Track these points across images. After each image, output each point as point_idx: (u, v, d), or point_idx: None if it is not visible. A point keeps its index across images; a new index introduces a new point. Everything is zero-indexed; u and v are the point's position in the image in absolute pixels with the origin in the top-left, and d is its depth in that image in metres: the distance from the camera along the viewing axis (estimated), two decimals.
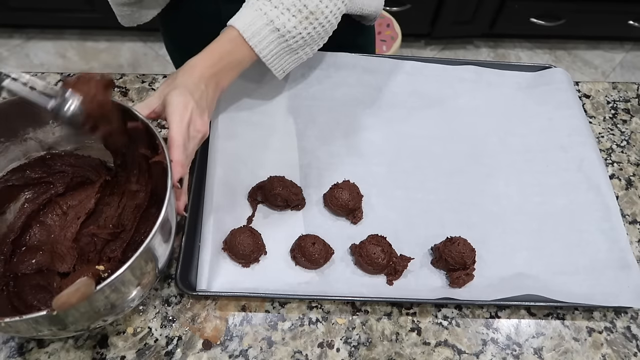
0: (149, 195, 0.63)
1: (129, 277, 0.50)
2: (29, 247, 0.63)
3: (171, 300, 0.64)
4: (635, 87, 0.93)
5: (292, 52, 0.67)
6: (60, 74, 0.84)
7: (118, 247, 0.62)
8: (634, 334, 0.67)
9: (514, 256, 0.70)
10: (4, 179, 0.62)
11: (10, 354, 0.60)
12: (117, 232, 0.63)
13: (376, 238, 0.67)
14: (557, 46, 2.23)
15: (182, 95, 0.59)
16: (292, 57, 0.68)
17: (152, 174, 0.61)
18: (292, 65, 0.69)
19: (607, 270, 0.69)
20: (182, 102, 0.58)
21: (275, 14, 0.62)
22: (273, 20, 0.62)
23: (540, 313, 0.67)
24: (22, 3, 1.91)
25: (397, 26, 1.70)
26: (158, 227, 0.49)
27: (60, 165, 0.65)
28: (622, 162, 0.83)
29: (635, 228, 0.76)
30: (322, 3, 0.64)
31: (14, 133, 0.60)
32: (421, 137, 0.80)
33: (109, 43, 2.09)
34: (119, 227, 0.63)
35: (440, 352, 0.63)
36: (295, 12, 0.63)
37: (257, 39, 0.63)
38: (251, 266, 0.66)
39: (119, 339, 0.61)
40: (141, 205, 0.63)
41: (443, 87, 0.86)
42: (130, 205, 0.63)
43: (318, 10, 0.64)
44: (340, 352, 0.62)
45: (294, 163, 0.75)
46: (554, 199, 0.75)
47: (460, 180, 0.76)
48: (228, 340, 0.62)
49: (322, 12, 0.64)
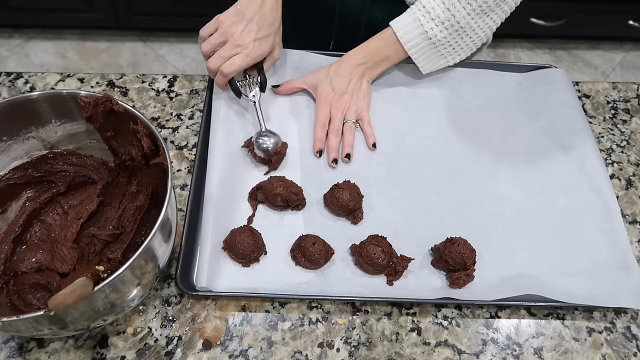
0: (150, 197, 0.63)
1: (129, 276, 0.50)
2: (29, 246, 0.63)
3: (171, 300, 0.64)
4: (635, 87, 0.93)
5: (442, 57, 0.80)
6: (60, 74, 0.84)
7: (118, 249, 0.62)
8: (634, 334, 0.67)
9: (514, 257, 0.70)
10: (6, 177, 0.62)
11: (10, 354, 0.60)
12: (117, 233, 0.63)
13: (376, 238, 0.67)
14: (557, 46, 2.23)
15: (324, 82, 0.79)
16: (440, 61, 0.81)
17: (153, 176, 0.61)
18: (437, 65, 0.82)
19: (607, 271, 0.69)
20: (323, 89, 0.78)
21: (430, 25, 0.75)
22: (427, 31, 0.76)
23: (540, 313, 0.67)
24: (22, 3, 1.91)
25: None
26: (158, 226, 0.49)
27: (62, 165, 0.65)
28: (622, 162, 0.83)
29: (635, 228, 0.76)
30: (473, 19, 0.75)
31: (17, 132, 0.60)
32: (422, 137, 0.80)
33: (109, 43, 2.09)
34: (119, 229, 0.63)
35: (440, 352, 0.63)
36: (448, 25, 0.75)
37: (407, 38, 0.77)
38: (251, 266, 0.66)
39: (119, 339, 0.61)
40: (142, 207, 0.63)
41: (443, 88, 0.86)
42: (131, 207, 0.63)
43: (467, 25, 0.76)
44: (340, 352, 0.62)
45: (294, 163, 0.76)
46: (554, 199, 0.75)
47: (461, 180, 0.76)
48: (228, 340, 0.62)
49: (469, 25, 0.76)
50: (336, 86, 0.78)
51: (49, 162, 0.64)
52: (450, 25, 0.75)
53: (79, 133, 0.63)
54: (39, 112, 0.59)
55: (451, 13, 0.74)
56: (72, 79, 0.84)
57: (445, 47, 0.78)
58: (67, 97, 0.58)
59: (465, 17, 0.74)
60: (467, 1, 0.73)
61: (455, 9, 0.74)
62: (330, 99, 0.78)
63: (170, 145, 0.78)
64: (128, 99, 0.82)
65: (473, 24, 0.76)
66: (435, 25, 0.75)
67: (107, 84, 0.84)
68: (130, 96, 0.83)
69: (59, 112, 0.60)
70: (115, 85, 0.84)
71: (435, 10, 0.74)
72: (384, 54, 0.79)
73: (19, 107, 0.57)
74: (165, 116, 0.80)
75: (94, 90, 0.82)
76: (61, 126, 0.62)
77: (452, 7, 0.74)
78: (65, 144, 0.64)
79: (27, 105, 0.58)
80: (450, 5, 0.74)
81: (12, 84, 0.83)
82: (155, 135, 0.55)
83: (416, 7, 0.76)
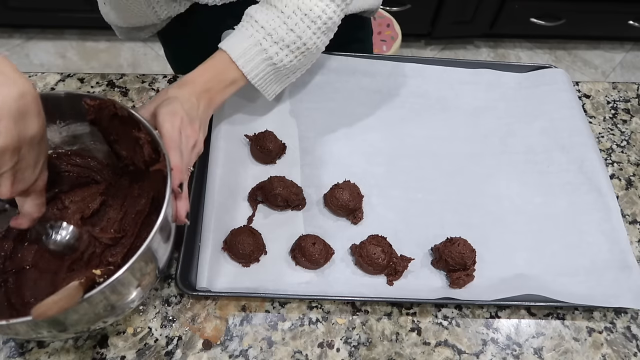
0: (151, 202, 0.63)
1: (129, 278, 0.50)
2: (30, 243, 0.63)
3: (171, 300, 0.64)
4: (635, 87, 0.93)
5: (283, 78, 0.70)
6: (60, 74, 0.84)
7: (119, 252, 0.62)
8: (634, 334, 0.67)
9: (514, 257, 0.70)
10: None
11: (10, 354, 0.60)
12: (119, 237, 0.63)
13: (376, 238, 0.67)
14: (557, 46, 2.23)
15: (171, 104, 0.59)
16: (284, 82, 0.71)
17: (154, 181, 0.61)
18: (282, 87, 0.72)
19: (607, 271, 0.69)
20: (171, 111, 0.59)
21: (275, 50, 0.65)
22: (272, 56, 0.65)
23: (540, 313, 0.67)
24: (22, 3, 1.91)
25: (397, 26, 1.70)
26: (158, 227, 0.49)
27: (66, 165, 0.65)
28: (622, 162, 0.83)
29: (635, 228, 0.76)
30: (319, 39, 0.66)
31: None
32: (422, 137, 0.80)
33: (109, 43, 2.09)
34: (120, 232, 0.63)
35: (440, 352, 0.63)
36: (294, 48, 0.66)
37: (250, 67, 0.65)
38: (251, 266, 0.66)
39: (119, 339, 0.61)
40: (142, 211, 0.62)
41: (443, 88, 0.86)
42: (132, 212, 0.63)
43: (314, 45, 0.67)
44: (340, 352, 0.62)
45: (294, 163, 0.76)
46: (554, 199, 0.75)
47: (461, 180, 0.76)
48: (228, 340, 0.62)
49: (315, 45, 0.67)
50: (186, 106, 0.60)
51: (52, 162, 0.64)
52: (296, 48, 0.65)
53: (83, 134, 0.63)
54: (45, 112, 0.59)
55: (296, 35, 0.64)
56: (72, 79, 0.84)
57: (288, 67, 0.68)
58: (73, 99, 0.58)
59: (311, 37, 0.66)
60: (311, 20, 0.64)
61: (299, 29, 0.64)
62: (181, 121, 0.58)
63: None
64: (128, 99, 0.82)
65: (319, 43, 0.67)
66: (280, 49, 0.65)
67: (107, 84, 0.84)
68: (130, 96, 0.83)
69: (63, 113, 0.60)
70: (115, 85, 0.84)
71: (278, 33, 0.64)
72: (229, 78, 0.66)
73: None
74: None
75: (94, 91, 0.82)
76: (66, 127, 0.62)
77: (297, 27, 0.64)
78: (69, 145, 0.64)
79: None
80: (293, 26, 0.64)
81: None
82: (157, 142, 0.55)
83: (253, 29, 0.65)
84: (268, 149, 0.73)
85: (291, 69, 0.68)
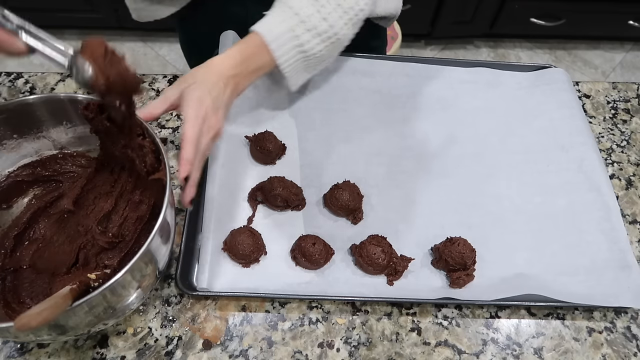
0: (151, 208, 0.63)
1: (129, 280, 0.50)
2: (31, 242, 0.63)
3: (171, 300, 0.64)
4: (635, 87, 0.93)
5: (310, 67, 0.70)
6: (60, 74, 0.84)
7: (116, 256, 0.62)
8: (634, 334, 0.67)
9: (514, 256, 0.70)
10: (15, 174, 0.63)
11: (10, 354, 0.60)
12: (116, 242, 0.62)
13: (376, 238, 0.67)
14: (557, 46, 2.23)
15: (198, 90, 0.59)
16: (309, 72, 0.71)
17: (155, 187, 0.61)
18: (307, 78, 0.72)
19: (607, 270, 0.69)
20: (198, 98, 0.59)
21: (307, 37, 0.65)
22: (303, 44, 0.65)
23: (540, 313, 0.67)
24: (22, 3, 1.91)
25: (397, 26, 1.69)
26: (157, 228, 0.49)
27: (71, 166, 0.65)
28: (622, 162, 0.83)
29: (635, 228, 0.76)
30: (349, 30, 0.67)
31: (28, 130, 0.61)
32: (421, 137, 0.80)
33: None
34: (119, 237, 0.63)
35: (440, 352, 0.63)
36: (325, 38, 0.66)
37: (282, 52, 0.65)
38: (251, 266, 0.66)
39: (119, 339, 0.61)
40: (143, 217, 0.62)
41: (443, 88, 0.86)
42: (132, 217, 0.63)
43: (344, 36, 0.68)
44: (341, 352, 0.62)
45: (294, 163, 0.76)
46: (554, 199, 0.75)
47: (461, 180, 0.76)
48: (228, 340, 0.62)
49: (346, 35, 0.68)
50: (213, 93, 0.60)
51: (58, 162, 0.65)
52: (327, 38, 0.66)
53: (89, 136, 0.63)
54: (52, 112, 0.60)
55: (329, 24, 0.65)
56: (72, 79, 0.84)
57: (318, 57, 0.68)
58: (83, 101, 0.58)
59: (342, 28, 0.66)
60: (344, 10, 0.65)
61: (332, 19, 0.65)
62: (205, 110, 0.59)
63: (170, 145, 0.78)
64: None
65: (350, 34, 0.68)
66: (312, 37, 0.65)
67: None
68: None
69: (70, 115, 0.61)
70: None
71: (312, 20, 0.64)
72: (258, 63, 0.65)
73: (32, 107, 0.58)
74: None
75: None
76: (72, 128, 0.62)
77: (329, 16, 0.64)
78: (75, 146, 0.65)
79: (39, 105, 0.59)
80: (327, 15, 0.64)
81: (12, 84, 0.83)
82: (159, 150, 0.55)
83: (286, 15, 0.64)
84: (268, 149, 0.73)
85: (320, 58, 0.68)
